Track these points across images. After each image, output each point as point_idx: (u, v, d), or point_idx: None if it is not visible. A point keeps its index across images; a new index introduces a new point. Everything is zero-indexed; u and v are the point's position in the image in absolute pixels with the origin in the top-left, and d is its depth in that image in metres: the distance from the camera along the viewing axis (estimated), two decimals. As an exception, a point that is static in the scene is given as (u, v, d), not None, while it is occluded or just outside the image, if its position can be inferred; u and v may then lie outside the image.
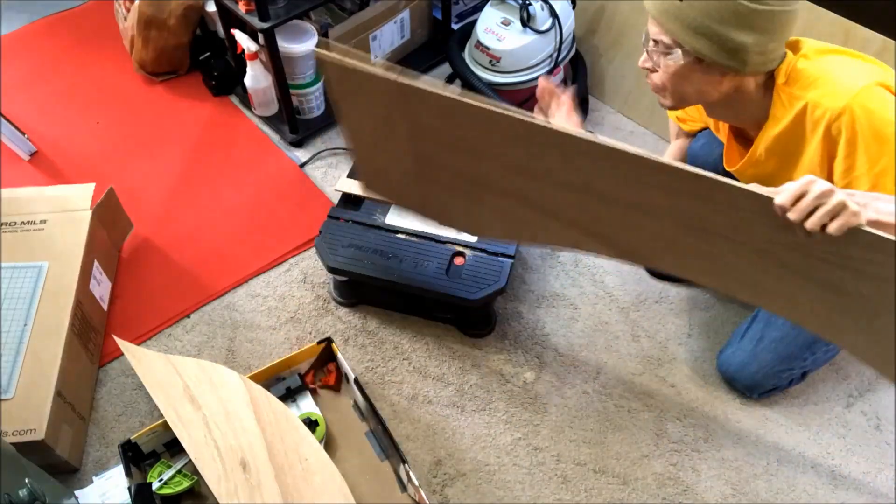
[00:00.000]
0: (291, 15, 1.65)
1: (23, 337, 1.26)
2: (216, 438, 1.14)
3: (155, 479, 1.20)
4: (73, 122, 1.96)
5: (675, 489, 1.31)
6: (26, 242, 1.40)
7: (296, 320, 1.53)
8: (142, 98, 2.04)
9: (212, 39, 2.07)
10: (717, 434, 1.38)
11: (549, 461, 1.33)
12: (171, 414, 1.17)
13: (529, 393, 1.42)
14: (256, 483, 1.10)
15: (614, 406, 1.41)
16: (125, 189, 1.66)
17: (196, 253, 1.66)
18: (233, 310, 1.55)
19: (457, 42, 1.92)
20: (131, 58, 2.06)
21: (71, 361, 1.28)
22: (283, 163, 1.87)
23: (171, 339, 1.50)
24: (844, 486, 1.32)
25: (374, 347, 1.49)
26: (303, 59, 1.79)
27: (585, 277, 1.62)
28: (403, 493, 1.26)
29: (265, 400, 1.21)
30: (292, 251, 1.66)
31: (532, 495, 1.29)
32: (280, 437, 1.16)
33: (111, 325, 1.51)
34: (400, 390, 1.42)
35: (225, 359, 1.47)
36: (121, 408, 1.39)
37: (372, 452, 1.31)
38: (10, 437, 1.15)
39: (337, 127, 1.97)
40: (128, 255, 1.65)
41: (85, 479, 1.28)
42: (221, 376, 1.23)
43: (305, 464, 1.14)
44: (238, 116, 2.00)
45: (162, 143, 1.91)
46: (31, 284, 1.33)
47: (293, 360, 1.36)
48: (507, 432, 1.37)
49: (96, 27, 2.25)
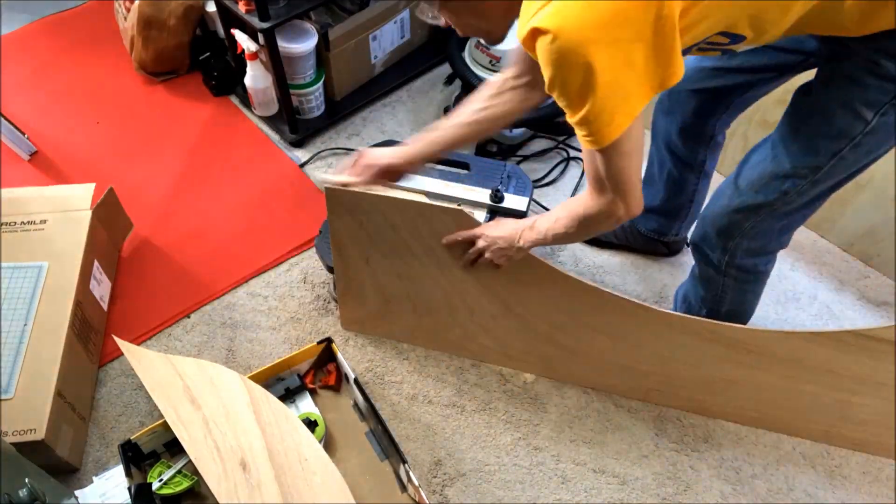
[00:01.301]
0: (291, 15, 1.65)
1: (23, 337, 1.27)
2: (216, 438, 1.14)
3: (155, 479, 1.20)
4: (73, 122, 1.96)
5: (675, 489, 1.31)
6: (26, 242, 1.40)
7: (296, 320, 1.53)
8: (142, 98, 2.04)
9: (212, 39, 2.07)
10: (717, 434, 1.38)
11: (549, 461, 1.33)
12: (171, 414, 1.17)
13: (529, 393, 1.42)
14: (256, 483, 1.10)
15: (614, 406, 1.41)
16: (125, 189, 1.66)
17: (196, 253, 1.66)
18: (233, 310, 1.55)
19: (457, 42, 1.91)
20: (131, 58, 2.06)
21: (71, 361, 1.28)
22: (283, 163, 1.87)
23: (171, 339, 1.50)
24: (844, 486, 1.32)
25: (374, 347, 1.49)
26: (303, 59, 1.79)
27: (586, 277, 1.62)
28: (403, 493, 1.26)
29: (265, 400, 1.21)
30: (292, 251, 1.66)
31: (532, 495, 1.29)
32: (280, 437, 1.16)
33: (111, 325, 1.51)
34: (400, 390, 1.42)
35: (225, 359, 1.47)
36: (121, 408, 1.39)
37: (372, 452, 1.31)
38: (10, 437, 1.15)
39: (337, 127, 1.98)
40: (128, 255, 1.65)
41: (85, 479, 1.28)
42: (221, 376, 1.23)
43: (305, 464, 1.14)
44: (238, 116, 2.00)
45: (162, 143, 1.91)
46: (31, 284, 1.33)
47: (293, 361, 1.36)
48: (507, 432, 1.37)
49: (96, 27, 2.25)
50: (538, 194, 1.80)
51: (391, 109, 2.03)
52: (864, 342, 1.12)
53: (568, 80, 0.81)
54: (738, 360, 1.22)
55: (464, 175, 1.53)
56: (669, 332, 1.21)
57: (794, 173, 1.03)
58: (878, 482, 1.32)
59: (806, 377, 1.21)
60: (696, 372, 1.28)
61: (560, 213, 1.05)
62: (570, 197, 1.06)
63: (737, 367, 1.23)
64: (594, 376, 1.40)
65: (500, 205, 1.45)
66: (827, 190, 1.05)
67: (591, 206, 0.97)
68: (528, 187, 1.51)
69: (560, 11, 0.77)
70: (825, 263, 1.67)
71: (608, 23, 0.76)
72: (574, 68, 0.79)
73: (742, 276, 1.23)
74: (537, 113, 1.78)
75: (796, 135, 1.02)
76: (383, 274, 1.31)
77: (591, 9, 0.76)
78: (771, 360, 1.20)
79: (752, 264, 1.21)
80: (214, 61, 2.04)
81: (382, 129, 1.98)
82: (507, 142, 1.84)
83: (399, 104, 2.04)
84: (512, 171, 1.54)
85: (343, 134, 1.96)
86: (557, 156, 1.90)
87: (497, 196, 1.45)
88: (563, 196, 1.80)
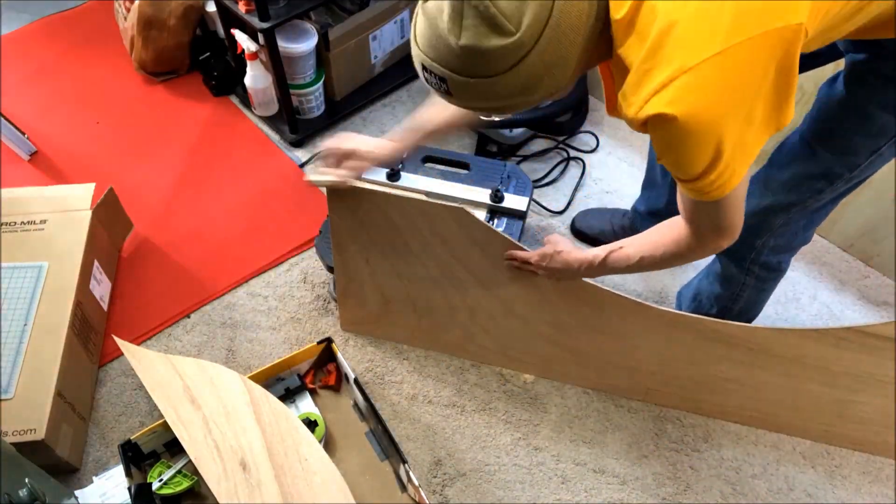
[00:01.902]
0: (291, 15, 1.65)
1: (23, 337, 1.27)
2: (216, 438, 1.14)
3: (155, 479, 1.20)
4: (73, 122, 1.96)
5: (675, 489, 1.31)
6: (26, 242, 1.40)
7: (296, 320, 1.53)
8: (142, 98, 2.04)
9: (212, 39, 2.07)
10: (717, 434, 1.38)
11: (549, 461, 1.33)
12: (171, 414, 1.17)
13: (529, 393, 1.42)
14: (256, 483, 1.10)
15: (614, 406, 1.41)
16: (125, 189, 1.66)
17: (196, 253, 1.66)
18: (233, 310, 1.55)
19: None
20: (131, 58, 2.06)
21: (71, 361, 1.28)
22: (283, 163, 1.87)
23: (171, 339, 1.50)
24: (844, 486, 1.32)
25: (374, 347, 1.49)
26: (303, 59, 1.79)
27: (585, 277, 1.62)
28: (403, 493, 1.26)
29: (265, 400, 1.21)
30: (292, 251, 1.66)
31: (532, 495, 1.29)
32: (280, 437, 1.16)
33: (111, 325, 1.51)
34: (400, 390, 1.42)
35: (225, 359, 1.47)
36: (121, 408, 1.39)
37: (372, 452, 1.31)
38: (10, 437, 1.15)
39: (337, 127, 1.98)
40: (128, 255, 1.65)
41: (85, 479, 1.28)
42: (221, 376, 1.23)
43: (305, 464, 1.14)
44: (238, 116, 2.00)
45: (162, 143, 1.91)
46: (31, 284, 1.33)
47: (293, 361, 1.36)
48: (507, 432, 1.37)
49: (96, 27, 2.25)
50: (538, 194, 1.80)
51: (391, 109, 2.03)
52: (863, 339, 1.12)
53: (696, 158, 0.76)
54: (738, 359, 1.22)
55: (464, 175, 1.53)
56: (669, 331, 1.22)
57: (830, 173, 1.01)
58: (879, 482, 1.32)
59: (805, 375, 1.22)
60: (696, 371, 1.28)
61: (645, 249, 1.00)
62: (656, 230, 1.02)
63: (737, 365, 1.23)
64: (593, 377, 1.40)
65: (500, 205, 1.45)
66: (857, 185, 1.05)
67: (693, 245, 0.94)
68: (528, 187, 1.51)
69: (685, 95, 0.70)
70: (825, 263, 1.67)
71: (734, 92, 0.71)
72: (703, 147, 0.74)
73: (764, 273, 1.23)
74: (537, 113, 1.78)
75: (831, 135, 1.00)
76: (383, 273, 1.31)
77: (719, 83, 0.70)
78: (770, 359, 1.20)
79: (776, 262, 1.21)
80: (214, 61, 2.04)
81: (382, 129, 1.98)
82: (507, 142, 1.84)
83: (399, 104, 2.04)
84: (512, 171, 1.54)
85: (343, 134, 1.96)
86: (557, 156, 1.90)
87: (497, 196, 1.45)
88: (564, 196, 1.80)
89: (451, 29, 0.70)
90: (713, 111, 0.71)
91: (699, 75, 0.69)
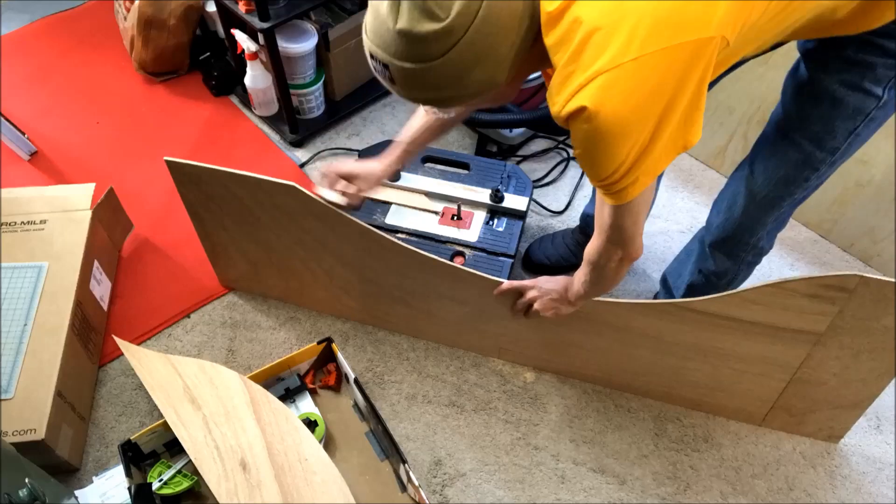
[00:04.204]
0: (291, 15, 1.66)
1: (23, 337, 1.27)
2: (216, 438, 1.14)
3: (155, 479, 1.20)
4: (73, 122, 1.96)
5: (675, 488, 1.31)
6: (26, 242, 1.40)
7: (296, 320, 1.53)
8: (142, 98, 2.04)
9: (212, 39, 2.08)
10: (717, 434, 1.38)
11: (549, 461, 1.33)
12: (171, 414, 1.17)
13: (529, 393, 1.42)
14: (256, 483, 1.10)
15: (614, 406, 1.41)
16: (125, 189, 1.66)
17: (196, 253, 1.65)
18: (233, 310, 1.55)
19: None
20: (131, 58, 2.06)
21: (71, 361, 1.28)
22: (283, 163, 1.87)
23: (171, 339, 1.50)
24: (844, 486, 1.32)
25: (374, 347, 1.49)
26: (303, 59, 1.79)
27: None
28: (403, 493, 1.26)
29: (265, 400, 1.21)
30: (292, 251, 1.66)
31: (531, 495, 1.29)
32: (280, 437, 1.16)
33: (111, 325, 1.51)
34: (400, 390, 1.42)
35: (225, 359, 1.47)
36: (121, 408, 1.39)
37: (372, 452, 1.31)
38: (10, 437, 1.15)
39: (337, 127, 1.98)
40: (128, 255, 1.65)
41: (85, 479, 1.28)
42: (221, 376, 1.23)
43: (305, 464, 1.14)
44: (238, 116, 2.00)
45: (162, 143, 1.91)
46: (31, 284, 1.34)
47: (293, 360, 1.36)
48: (507, 432, 1.37)
49: (96, 27, 2.26)
50: (538, 194, 1.80)
51: (391, 109, 2.03)
52: (682, 313, 1.18)
53: (606, 157, 0.80)
54: (580, 329, 1.29)
55: (464, 175, 1.53)
56: (513, 300, 1.27)
57: (813, 159, 1.04)
58: (878, 482, 1.33)
59: (635, 342, 1.28)
60: (545, 335, 1.35)
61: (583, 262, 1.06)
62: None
63: (579, 333, 1.31)
64: (451, 336, 1.46)
65: (500, 205, 1.46)
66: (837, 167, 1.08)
67: (594, 250, 1.00)
68: (528, 187, 1.51)
69: (602, 93, 0.73)
70: (825, 263, 1.67)
71: (648, 96, 0.74)
72: (614, 146, 0.78)
73: (757, 259, 1.30)
74: (537, 113, 1.78)
75: (808, 122, 1.02)
76: (242, 240, 1.39)
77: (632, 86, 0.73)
78: (603, 326, 1.27)
79: (768, 245, 1.27)
80: (214, 61, 2.04)
81: (382, 129, 1.98)
82: (507, 142, 1.84)
83: (399, 104, 2.04)
84: (512, 171, 1.54)
85: (343, 134, 1.96)
86: (557, 156, 1.90)
87: (497, 196, 1.46)
88: (564, 196, 1.80)
89: (390, 14, 0.75)
90: (626, 110, 0.75)
91: (616, 77, 0.73)
